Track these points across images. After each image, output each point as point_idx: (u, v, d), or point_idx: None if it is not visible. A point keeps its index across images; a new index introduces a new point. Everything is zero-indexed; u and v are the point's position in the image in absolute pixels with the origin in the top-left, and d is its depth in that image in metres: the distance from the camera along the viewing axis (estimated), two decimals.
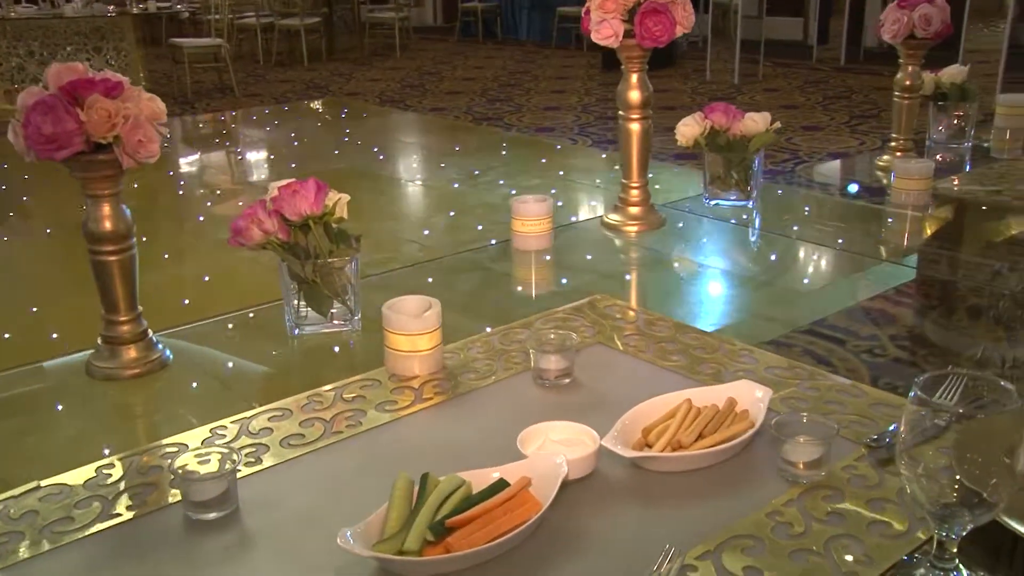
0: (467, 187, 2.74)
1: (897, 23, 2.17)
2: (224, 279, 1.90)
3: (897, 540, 0.93)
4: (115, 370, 1.36)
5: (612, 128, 6.91)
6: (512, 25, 12.19)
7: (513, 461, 1.06)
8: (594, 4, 1.78)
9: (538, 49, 11.28)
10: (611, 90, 8.49)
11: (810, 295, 1.67)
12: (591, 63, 10.02)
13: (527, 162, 3.08)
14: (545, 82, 9.07)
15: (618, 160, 4.17)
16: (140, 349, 1.37)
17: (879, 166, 2.36)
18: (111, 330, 1.36)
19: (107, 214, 1.30)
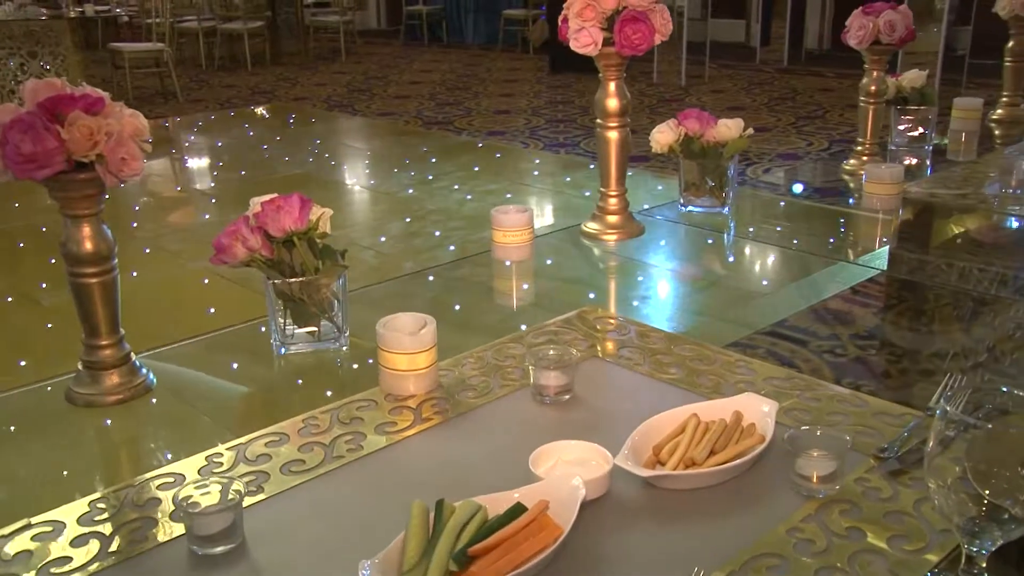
0: (421, 193, 2.71)
1: (863, 29, 2.20)
2: (177, 293, 1.84)
3: (920, 555, 0.93)
4: (97, 396, 1.31)
5: (564, 131, 6.93)
6: (457, 28, 12.16)
7: (524, 482, 1.04)
8: (572, 12, 1.77)
9: (484, 52, 11.27)
10: (560, 93, 8.54)
11: (776, 297, 1.68)
12: (538, 66, 10.03)
13: (480, 166, 3.06)
14: (493, 85, 9.06)
15: (571, 163, 4.18)
16: (123, 374, 1.32)
17: (846, 170, 2.39)
18: (92, 355, 1.31)
19: (88, 235, 1.25)
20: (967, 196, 2.15)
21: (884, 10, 2.21)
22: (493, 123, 7.30)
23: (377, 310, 1.54)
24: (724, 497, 1.04)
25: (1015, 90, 2.89)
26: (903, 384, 1.35)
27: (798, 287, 1.70)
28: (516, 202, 2.64)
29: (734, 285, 1.75)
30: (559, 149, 6.52)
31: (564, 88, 8.77)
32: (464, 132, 7.01)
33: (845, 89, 8.63)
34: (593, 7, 1.75)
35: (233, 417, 1.31)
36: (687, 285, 1.75)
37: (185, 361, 1.47)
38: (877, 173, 2.03)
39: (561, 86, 8.88)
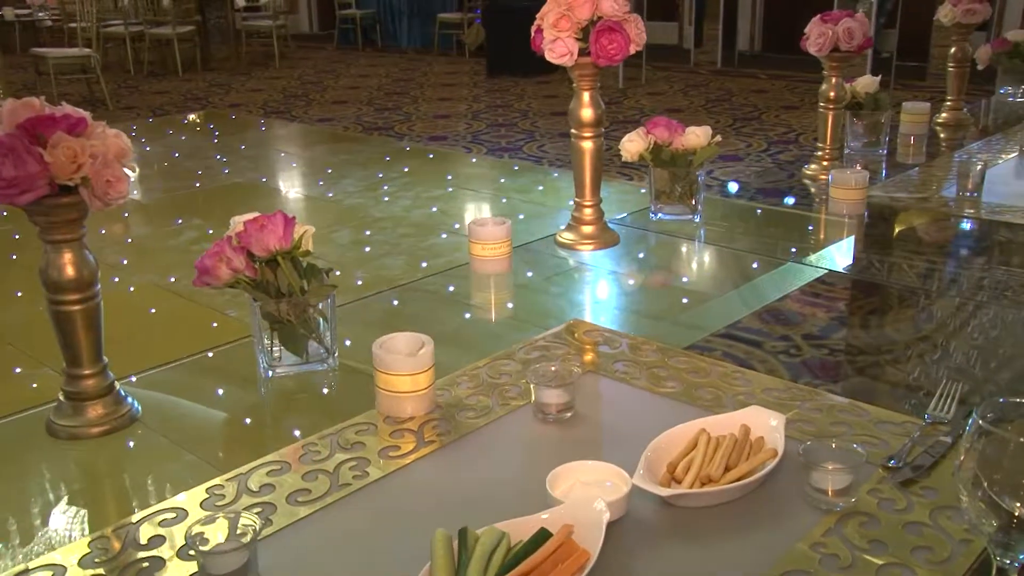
0: (366, 200, 2.68)
1: (822, 37, 2.23)
2: (124, 310, 1.78)
3: (944, 566, 0.94)
4: (81, 428, 1.26)
5: (506, 136, 6.93)
6: (392, 32, 12.09)
7: (540, 505, 1.02)
8: (547, 23, 1.76)
9: (420, 56, 11.21)
10: (499, 97, 8.54)
11: (731, 300, 1.70)
12: (475, 70, 10.02)
13: (424, 172, 3.03)
14: (431, 90, 9.02)
15: (516, 167, 4.17)
16: (107, 404, 1.27)
17: (807, 175, 2.42)
18: (74, 385, 1.26)
19: (70, 260, 1.20)
20: (928, 199, 2.19)
21: (842, 18, 2.25)
22: (434, 128, 7.27)
23: (354, 328, 1.51)
24: (741, 513, 1.04)
25: (958, 94, 2.96)
26: (863, 385, 1.36)
27: (754, 288, 1.72)
28: (462, 207, 2.62)
29: (704, 291, 1.76)
30: (502, 153, 6.52)
31: (503, 92, 8.77)
32: (405, 137, 6.96)
33: (779, 90, 8.80)
34: (568, 17, 1.74)
35: (226, 445, 1.27)
36: (663, 293, 1.76)
37: (167, 387, 1.42)
38: (842, 178, 2.07)
39: (499, 90, 8.88)
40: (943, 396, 1.24)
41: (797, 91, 8.55)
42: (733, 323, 1.58)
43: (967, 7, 2.84)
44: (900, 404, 1.29)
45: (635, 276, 1.85)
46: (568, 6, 1.75)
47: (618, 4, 1.77)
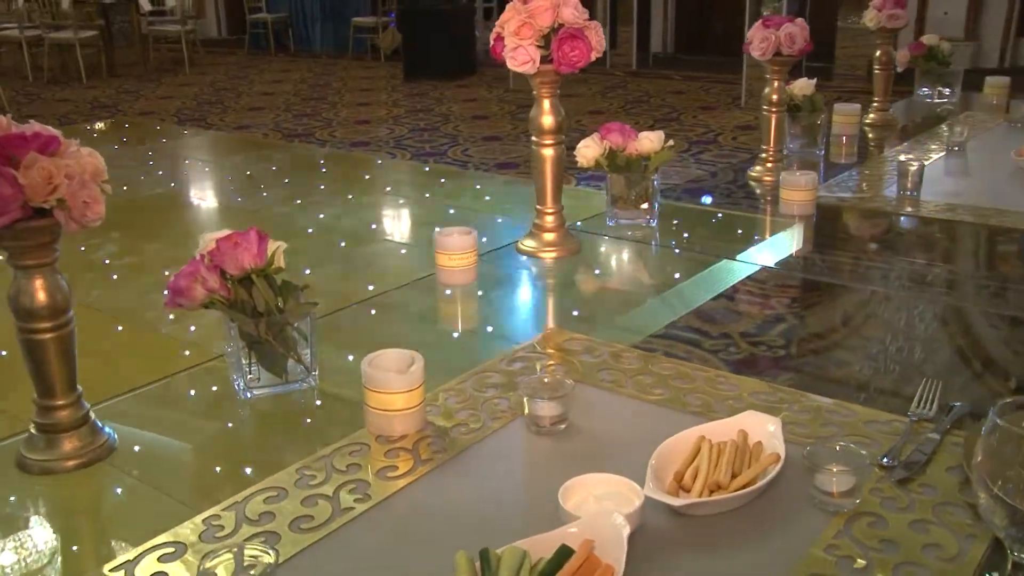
0: (292, 208, 2.64)
1: (765, 42, 2.28)
2: None
3: (955, 563, 0.96)
4: (55, 462, 1.20)
5: (429, 140, 6.93)
6: (304, 36, 11.93)
7: (551, 520, 1.02)
8: (508, 30, 1.75)
9: (334, 60, 11.10)
10: (419, 101, 8.54)
11: (678, 300, 1.72)
12: (392, 74, 9.98)
13: (350, 179, 2.98)
14: (349, 95, 8.94)
15: (442, 172, 4.15)
16: (83, 436, 1.21)
17: (752, 177, 2.47)
18: (47, 417, 1.20)
19: (42, 286, 1.14)
20: (871, 199, 2.26)
21: (783, 23, 2.30)
22: (355, 133, 7.22)
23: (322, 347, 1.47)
24: (750, 519, 1.05)
25: (884, 96, 3.06)
26: (802, 381, 1.40)
27: (696, 288, 1.75)
28: (396, 215, 2.59)
29: (659, 292, 1.77)
30: (427, 158, 6.49)
31: (422, 96, 8.75)
32: (327, 144, 6.90)
33: (694, 91, 8.98)
34: (530, 25, 1.73)
35: (212, 473, 1.22)
36: (623, 297, 1.77)
37: (137, 415, 1.36)
38: (792, 180, 2.11)
39: (418, 94, 8.85)
40: (923, 394, 1.27)
41: (712, 92, 8.75)
42: (671, 323, 1.61)
43: (890, 12, 2.93)
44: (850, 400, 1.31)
45: (600, 282, 1.86)
46: (529, 13, 1.74)
47: (578, 11, 1.77)
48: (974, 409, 1.25)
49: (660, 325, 1.61)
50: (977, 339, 1.58)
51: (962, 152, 2.64)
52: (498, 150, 6.57)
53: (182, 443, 1.30)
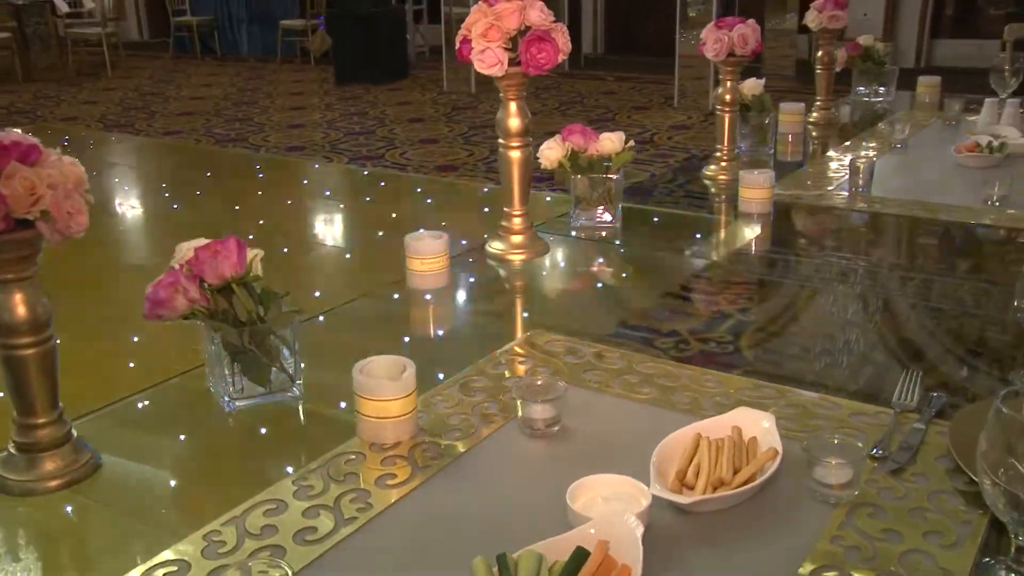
0: (231, 215, 2.60)
1: (719, 43, 2.31)
2: None
3: (955, 549, 0.99)
4: (37, 483, 1.15)
5: (366, 144, 6.87)
6: (231, 40, 11.73)
7: (559, 522, 1.02)
8: (475, 33, 1.75)
9: (263, 64, 10.93)
10: (352, 104, 8.46)
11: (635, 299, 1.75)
12: (323, 77, 9.87)
13: (288, 184, 2.95)
14: (281, 99, 8.82)
15: (381, 176, 4.11)
16: (65, 455, 1.17)
17: (707, 176, 2.50)
18: (27, 435, 1.15)
19: (22, 300, 1.10)
20: (827, 196, 2.31)
21: (736, 24, 2.33)
22: (290, 138, 7.13)
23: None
24: (753, 514, 1.07)
25: (827, 95, 3.13)
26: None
27: (651, 284, 1.77)
28: (333, 219, 2.57)
29: (620, 290, 1.79)
30: (365, 162, 6.44)
31: (355, 100, 8.67)
32: (262, 148, 6.80)
33: (626, 92, 9.07)
34: (498, 27, 1.73)
35: (202, 487, 1.19)
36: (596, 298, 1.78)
37: (118, 430, 1.32)
38: (751, 179, 2.14)
39: (351, 97, 8.78)
40: (905, 385, 1.31)
41: (644, 92, 8.86)
42: (622, 323, 1.63)
43: (831, 13, 3.01)
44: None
45: (571, 283, 1.87)
46: (496, 16, 1.74)
47: (544, 13, 1.78)
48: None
49: (638, 323, 1.62)
50: (928, 330, 1.62)
51: (905, 149, 2.72)
52: (436, 153, 6.55)
53: (167, 458, 1.26)
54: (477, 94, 8.66)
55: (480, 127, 7.36)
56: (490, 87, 7.02)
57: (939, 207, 2.17)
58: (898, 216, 2.16)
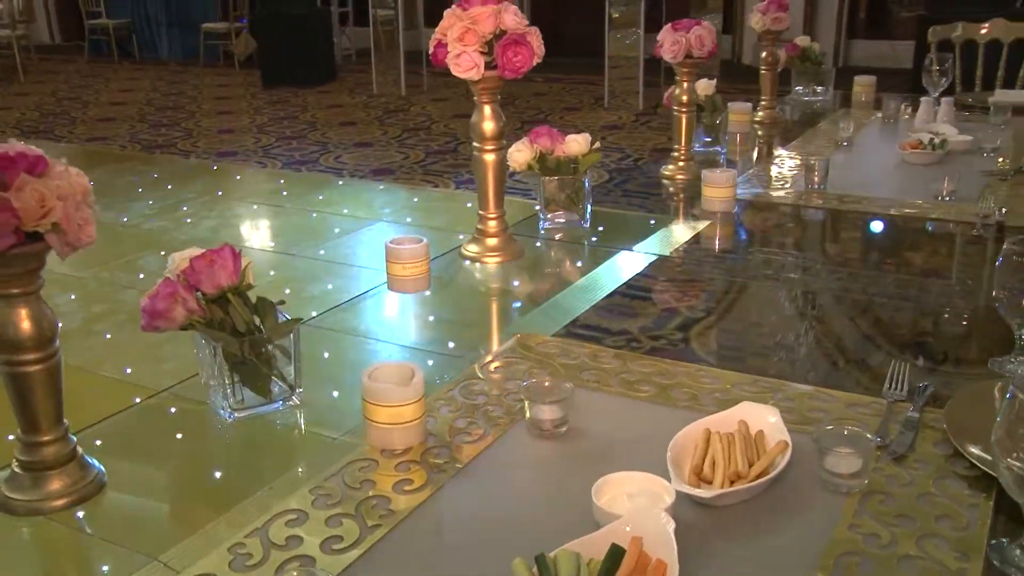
0: (167, 222, 2.56)
1: (676, 45, 2.36)
2: None
3: (968, 532, 1.03)
4: (42, 502, 1.12)
5: (299, 148, 6.79)
6: (150, 43, 11.47)
7: (583, 521, 1.04)
8: (451, 36, 1.75)
9: (185, 68, 10.71)
10: (282, 108, 8.35)
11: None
12: (249, 81, 9.72)
13: (223, 190, 2.91)
14: (207, 103, 8.65)
15: (317, 181, 4.06)
16: (71, 472, 1.14)
17: (665, 175, 2.54)
18: (32, 454, 1.12)
19: (28, 315, 1.07)
20: (786, 194, 2.37)
21: (692, 26, 2.38)
22: (220, 143, 7.00)
23: None
24: (769, 505, 1.10)
25: (771, 95, 3.21)
26: None
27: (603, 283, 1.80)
28: (274, 226, 2.54)
29: (591, 297, 1.81)
30: (299, 167, 6.37)
31: (284, 103, 8.56)
32: (192, 155, 6.66)
33: (557, 92, 9.14)
34: (474, 31, 1.74)
35: (212, 500, 1.17)
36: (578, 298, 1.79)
37: (119, 445, 1.29)
38: (713, 178, 2.19)
39: (280, 101, 8.66)
40: (893, 376, 1.36)
41: (574, 93, 8.94)
42: (573, 322, 1.65)
43: (774, 16, 3.09)
44: None
45: (551, 284, 1.88)
46: (472, 20, 1.75)
47: (519, 17, 1.79)
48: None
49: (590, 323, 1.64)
50: (887, 323, 1.68)
51: (851, 147, 2.80)
52: (372, 156, 6.51)
53: (171, 471, 1.24)
54: (408, 96, 8.62)
55: (413, 130, 7.34)
56: (420, 90, 7.03)
57: (893, 203, 2.25)
58: (855, 212, 2.23)
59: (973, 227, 2.06)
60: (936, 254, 2.06)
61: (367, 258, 2.57)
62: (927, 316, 1.69)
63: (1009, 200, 2.22)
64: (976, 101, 3.39)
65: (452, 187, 5.73)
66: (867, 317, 1.70)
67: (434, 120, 7.63)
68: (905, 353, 1.50)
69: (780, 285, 1.85)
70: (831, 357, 1.54)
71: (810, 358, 1.53)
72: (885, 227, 2.17)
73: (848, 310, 1.72)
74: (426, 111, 8.00)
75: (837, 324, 1.67)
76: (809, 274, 1.88)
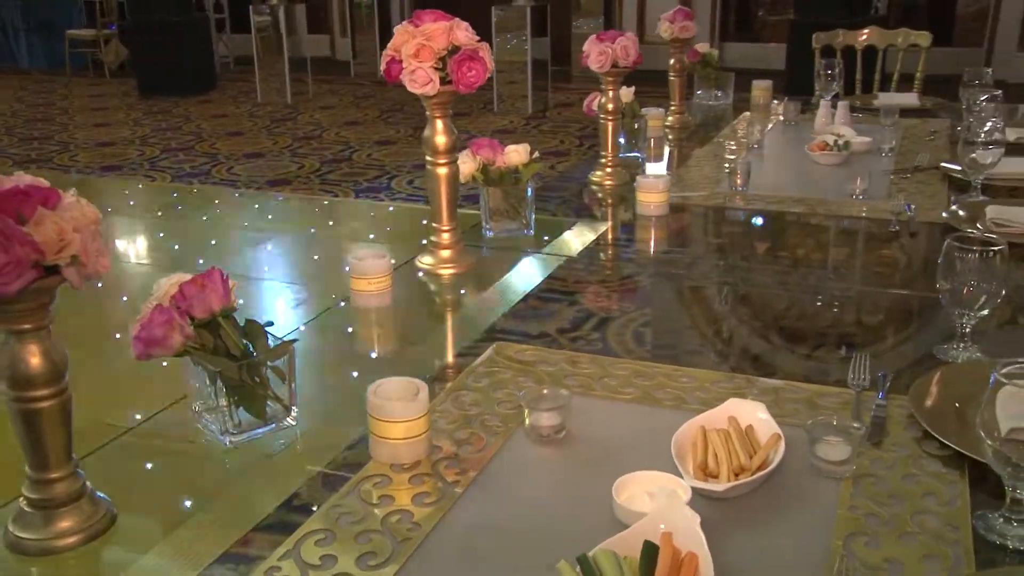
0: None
1: (603, 55, 2.44)
2: None
3: (952, 506, 1.14)
4: (54, 540, 1.10)
5: (187, 160, 6.60)
6: (8, 51, 10.92)
7: (607, 522, 1.10)
8: (406, 53, 1.77)
9: (52, 78, 10.26)
10: (163, 119, 8.11)
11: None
12: (124, 91, 9.39)
13: (112, 207, 2.81)
14: (81, 115, 8.33)
15: (212, 193, 3.98)
16: (83, 508, 1.11)
17: (593, 181, 2.62)
18: (42, 491, 1.10)
19: (41, 351, 1.05)
20: (709, 196, 2.48)
21: (617, 37, 2.46)
22: (101, 157, 6.76)
23: None
24: (771, 494, 1.17)
25: (680, 100, 3.34)
26: None
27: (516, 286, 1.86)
28: (176, 241, 2.48)
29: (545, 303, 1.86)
30: (190, 179, 6.20)
31: (165, 114, 8.31)
32: (72, 169, 6.39)
33: None
34: (429, 48, 1.77)
35: (227, 525, 1.17)
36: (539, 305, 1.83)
37: (118, 474, 1.27)
38: (648, 183, 2.28)
39: (160, 111, 8.40)
40: (855, 367, 1.46)
41: (462, 97, 8.94)
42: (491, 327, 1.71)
43: (682, 24, 3.21)
44: None
45: (509, 291, 1.92)
46: (427, 36, 1.77)
47: (470, 33, 1.83)
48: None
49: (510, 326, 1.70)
50: (812, 316, 1.79)
51: (762, 150, 2.95)
52: (265, 167, 6.40)
53: (180, 501, 1.23)
54: (294, 105, 8.49)
55: (305, 139, 7.24)
56: (306, 98, 6.94)
57: (814, 202, 2.38)
58: (779, 212, 2.35)
59: (889, 223, 2.21)
60: (863, 250, 2.20)
61: (283, 271, 2.52)
62: (867, 308, 1.82)
63: (914, 197, 2.39)
64: (863, 104, 3.60)
65: (352, 196, 5.70)
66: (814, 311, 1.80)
67: (324, 128, 7.54)
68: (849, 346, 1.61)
69: (710, 284, 1.94)
70: (765, 348, 1.63)
71: (748, 353, 1.62)
72: (809, 226, 2.30)
73: (787, 305, 1.83)
74: (315, 119, 7.90)
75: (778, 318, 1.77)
76: (739, 272, 1.99)
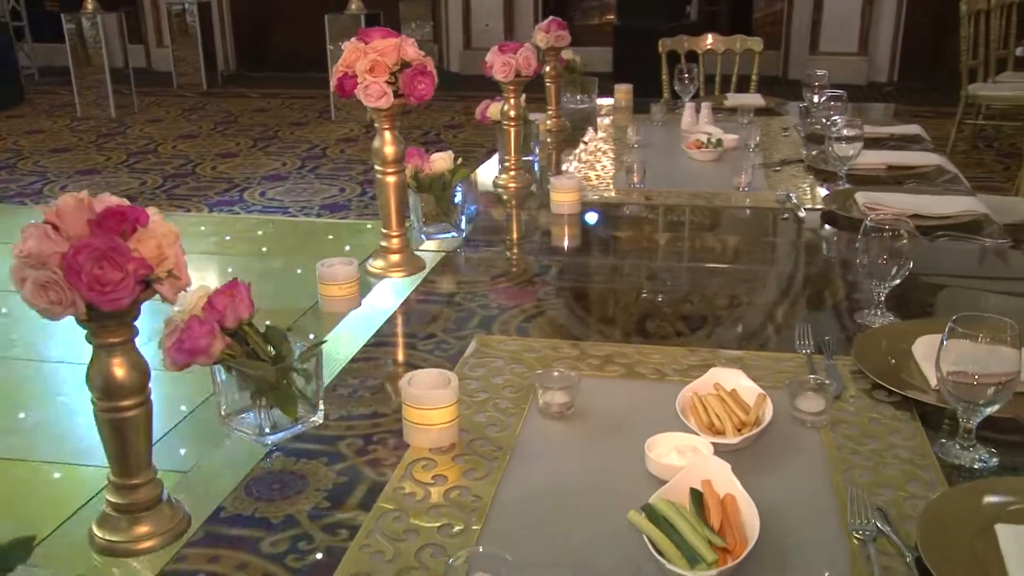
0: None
1: (507, 66, 2.59)
2: None
3: (914, 442, 1.36)
4: (138, 542, 1.14)
5: (15, 180, 6.26)
6: None
7: (638, 477, 1.26)
8: (360, 68, 1.87)
9: None
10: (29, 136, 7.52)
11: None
12: None
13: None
14: None
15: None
16: (163, 512, 1.16)
17: (499, 184, 2.77)
18: (126, 496, 1.14)
19: (128, 362, 1.10)
20: (620, 194, 2.68)
21: (518, 48, 2.63)
22: None
23: None
24: (767, 444, 1.36)
25: (556, 105, 3.54)
26: None
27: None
28: None
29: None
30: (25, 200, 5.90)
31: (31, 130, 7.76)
32: None
33: (277, 108, 9.06)
34: (383, 63, 1.87)
35: (298, 524, 1.24)
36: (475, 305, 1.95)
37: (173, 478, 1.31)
38: (561, 184, 2.45)
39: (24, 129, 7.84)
40: (800, 335, 1.68)
41: (296, 108, 8.91)
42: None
43: (557, 33, 3.41)
44: None
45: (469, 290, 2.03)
46: (379, 52, 1.87)
47: (416, 48, 1.94)
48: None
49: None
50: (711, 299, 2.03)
51: (642, 149, 3.19)
52: (104, 184, 6.16)
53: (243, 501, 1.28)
54: (119, 118, 8.16)
55: (140, 154, 7.00)
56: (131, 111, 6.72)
57: (708, 195, 2.63)
58: (679, 205, 2.58)
59: (777, 211, 2.49)
60: (771, 235, 2.45)
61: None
62: (782, 285, 2.06)
63: (791, 187, 2.68)
64: (715, 104, 3.93)
65: (206, 211, 5.59)
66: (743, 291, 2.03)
67: (158, 142, 7.31)
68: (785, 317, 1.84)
69: (629, 276, 2.14)
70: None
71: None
72: (709, 216, 2.54)
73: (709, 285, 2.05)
74: (146, 133, 7.63)
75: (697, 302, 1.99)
76: (653, 260, 2.20)
